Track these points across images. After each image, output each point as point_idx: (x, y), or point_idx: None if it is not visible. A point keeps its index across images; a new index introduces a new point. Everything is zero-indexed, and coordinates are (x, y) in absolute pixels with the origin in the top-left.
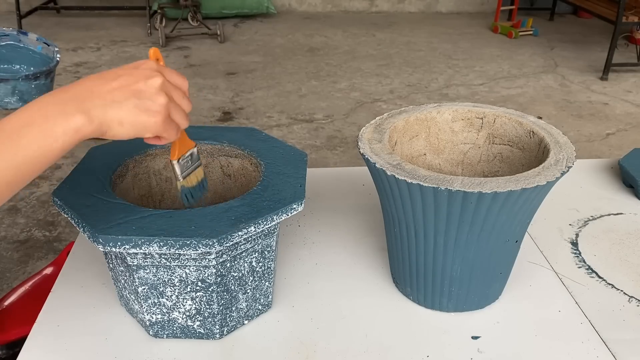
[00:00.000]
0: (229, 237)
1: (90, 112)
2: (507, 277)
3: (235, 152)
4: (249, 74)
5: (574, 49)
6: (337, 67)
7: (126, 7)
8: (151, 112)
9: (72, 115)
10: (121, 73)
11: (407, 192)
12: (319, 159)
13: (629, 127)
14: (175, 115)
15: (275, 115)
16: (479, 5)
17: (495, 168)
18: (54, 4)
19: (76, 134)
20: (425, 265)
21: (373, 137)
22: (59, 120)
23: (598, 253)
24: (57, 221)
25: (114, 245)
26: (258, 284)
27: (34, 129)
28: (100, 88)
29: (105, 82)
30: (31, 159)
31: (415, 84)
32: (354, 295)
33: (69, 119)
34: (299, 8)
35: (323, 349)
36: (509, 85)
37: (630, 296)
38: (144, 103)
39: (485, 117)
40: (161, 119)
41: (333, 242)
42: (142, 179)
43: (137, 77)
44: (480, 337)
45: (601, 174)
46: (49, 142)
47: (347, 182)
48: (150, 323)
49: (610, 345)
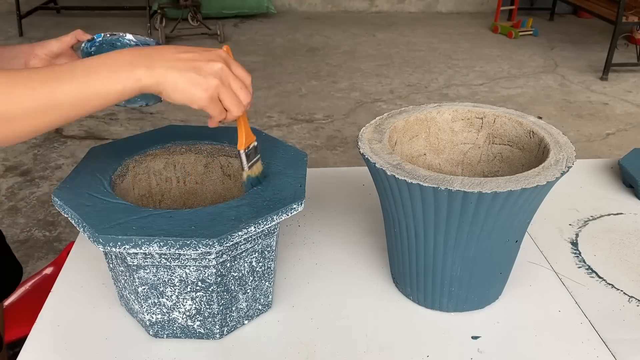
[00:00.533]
0: (229, 237)
1: (153, 68)
2: (507, 277)
3: (236, 152)
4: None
5: (574, 49)
6: (337, 67)
7: (126, 7)
8: (201, 87)
9: (137, 66)
10: (192, 50)
11: (407, 192)
12: (319, 159)
13: (629, 127)
14: (225, 99)
15: (275, 115)
16: (479, 5)
17: (495, 168)
18: (54, 4)
19: (136, 83)
20: (425, 265)
21: (373, 137)
22: (126, 67)
23: (598, 253)
24: (57, 221)
25: (114, 245)
26: (258, 284)
27: (105, 69)
28: (170, 54)
29: (176, 51)
30: (96, 92)
31: (415, 84)
32: (354, 295)
33: (134, 69)
34: (299, 8)
35: (323, 349)
36: (509, 85)
37: (630, 296)
38: (198, 78)
39: (485, 117)
40: (207, 96)
41: (333, 242)
42: (142, 179)
43: (203, 56)
44: (480, 337)
45: (601, 174)
46: (113, 82)
47: (347, 182)
48: (150, 323)
49: (610, 345)
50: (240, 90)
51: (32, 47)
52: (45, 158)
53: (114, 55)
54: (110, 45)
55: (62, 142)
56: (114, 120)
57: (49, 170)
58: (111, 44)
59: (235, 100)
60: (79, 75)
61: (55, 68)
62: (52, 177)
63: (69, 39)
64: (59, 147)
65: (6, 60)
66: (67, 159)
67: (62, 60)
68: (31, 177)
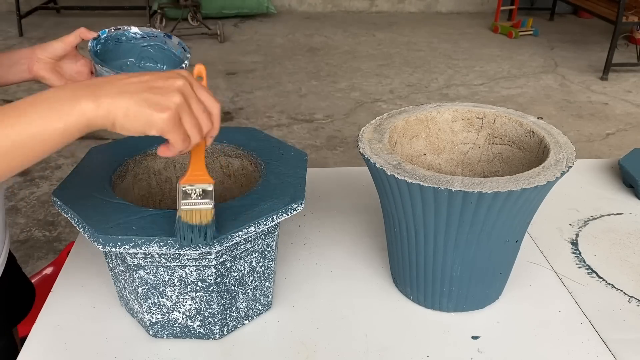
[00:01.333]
0: (229, 237)
1: (100, 98)
2: (507, 277)
3: (235, 152)
4: (249, 74)
5: (574, 49)
6: (337, 67)
7: (126, 7)
8: (160, 107)
9: (81, 98)
10: (148, 74)
11: (407, 192)
12: (319, 159)
13: (629, 127)
14: (187, 122)
15: (275, 115)
16: (479, 5)
17: (495, 168)
18: (54, 4)
19: (81, 117)
20: (425, 265)
21: (373, 137)
22: (67, 101)
23: (598, 253)
24: (57, 221)
25: (114, 245)
26: (258, 284)
27: (44, 105)
28: (120, 80)
29: (127, 76)
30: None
31: (415, 84)
32: (354, 295)
33: (78, 101)
34: (299, 8)
35: (323, 349)
36: (509, 85)
37: (630, 296)
38: (155, 97)
39: (485, 117)
40: (168, 116)
41: (333, 242)
42: (142, 179)
43: (160, 77)
44: (480, 337)
45: (601, 174)
46: (54, 120)
47: (347, 182)
48: (150, 323)
49: (610, 345)
50: (202, 114)
51: (33, 50)
52: (45, 158)
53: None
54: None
55: None
56: None
57: (49, 170)
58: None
59: (196, 125)
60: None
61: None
62: (52, 177)
63: (72, 39)
64: None
65: (6, 68)
66: (67, 159)
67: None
68: (31, 177)
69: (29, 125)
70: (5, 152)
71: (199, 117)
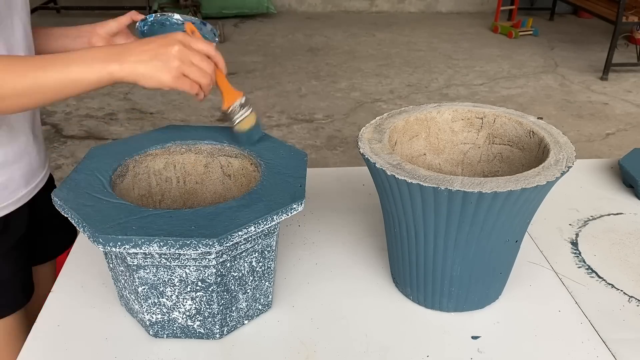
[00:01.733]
0: (229, 237)
1: (123, 63)
2: (507, 277)
3: (235, 152)
4: (249, 74)
5: (574, 49)
6: (337, 67)
7: (126, 7)
8: (164, 71)
9: (110, 62)
10: (152, 40)
11: (407, 192)
12: (319, 159)
13: (629, 127)
14: (190, 73)
15: (275, 115)
16: (479, 5)
17: (495, 168)
18: (54, 4)
19: (109, 75)
20: (425, 265)
21: (373, 137)
22: (100, 62)
23: (598, 253)
24: None
25: (114, 245)
26: (258, 284)
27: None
28: (135, 49)
29: (139, 45)
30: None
31: (415, 84)
32: (354, 295)
33: (108, 64)
34: (299, 8)
35: (323, 349)
36: (509, 85)
37: (630, 296)
38: (160, 65)
39: (485, 117)
40: (172, 77)
41: (333, 242)
42: (142, 179)
43: (161, 44)
44: (480, 337)
45: (601, 174)
46: (89, 74)
47: (347, 182)
48: (150, 323)
49: (610, 345)
50: (201, 62)
51: (94, 27)
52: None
53: (92, 51)
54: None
55: (62, 142)
56: (114, 120)
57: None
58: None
59: (199, 72)
60: (60, 66)
61: (43, 58)
62: None
63: (124, 20)
64: (59, 147)
65: (72, 38)
66: (67, 159)
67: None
68: None
69: (70, 73)
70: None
71: (200, 65)
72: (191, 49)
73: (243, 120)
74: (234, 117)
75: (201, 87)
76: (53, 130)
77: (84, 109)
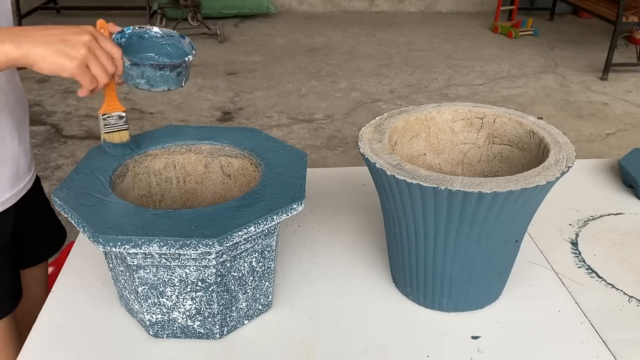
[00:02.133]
0: (229, 237)
1: (20, 43)
2: (507, 277)
3: (235, 152)
4: (249, 74)
5: (574, 49)
6: (337, 67)
7: (126, 7)
8: (69, 56)
9: (4, 42)
10: (61, 27)
11: (407, 192)
12: (319, 159)
13: (629, 127)
14: (93, 68)
15: (275, 115)
16: (479, 5)
17: (495, 168)
18: (54, 4)
19: (4, 56)
20: (425, 265)
21: (373, 137)
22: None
23: (598, 253)
24: None
25: (114, 245)
26: (258, 284)
27: None
28: (37, 31)
29: (43, 28)
30: None
31: (415, 84)
32: (354, 295)
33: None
34: (299, 8)
35: (323, 349)
36: (509, 85)
37: (630, 296)
38: (66, 49)
39: (485, 117)
40: (76, 64)
41: (333, 242)
42: (142, 179)
43: (70, 31)
44: (480, 337)
45: (601, 174)
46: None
47: (347, 182)
48: (150, 323)
49: (610, 345)
50: (107, 61)
51: None
52: (45, 158)
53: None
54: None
55: (62, 142)
56: None
57: (49, 170)
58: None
59: (102, 69)
60: None
61: None
62: (52, 177)
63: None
64: (59, 147)
65: None
66: (67, 159)
67: None
68: None
69: None
70: None
71: (104, 63)
72: (99, 45)
73: (114, 133)
74: (108, 127)
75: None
76: (53, 130)
77: (84, 109)
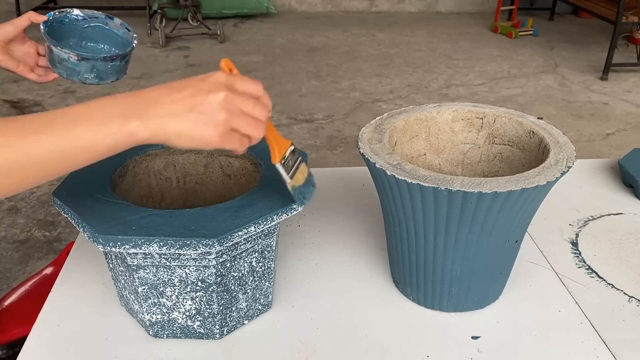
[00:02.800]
0: (229, 237)
1: (148, 120)
2: (507, 277)
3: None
4: (249, 74)
5: (574, 49)
6: (337, 67)
7: (126, 7)
8: (209, 127)
9: (130, 119)
10: (186, 85)
11: (407, 192)
12: (319, 159)
13: (629, 127)
14: (241, 127)
15: (275, 115)
16: (479, 5)
17: (495, 168)
18: (54, 4)
19: (129, 137)
20: (425, 265)
21: (373, 137)
22: (117, 120)
23: (598, 253)
24: (57, 221)
25: (114, 245)
26: (258, 284)
27: (92, 121)
28: (164, 98)
29: (170, 92)
30: (81, 147)
31: (415, 84)
32: (354, 295)
33: (126, 122)
34: (299, 8)
35: (323, 349)
36: (509, 85)
37: (630, 296)
38: (203, 118)
39: (485, 117)
40: (218, 133)
41: (333, 242)
42: (142, 179)
43: (201, 90)
44: (480, 337)
45: (601, 174)
46: (101, 136)
47: (347, 182)
48: (150, 323)
49: (610, 345)
50: (254, 109)
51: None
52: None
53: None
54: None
55: None
56: None
57: None
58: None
59: (252, 123)
60: (59, 128)
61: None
62: None
63: (22, 22)
64: None
65: None
66: None
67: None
68: None
69: (77, 139)
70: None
71: (252, 113)
72: (238, 93)
73: (297, 174)
74: (289, 171)
75: (251, 140)
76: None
77: None
